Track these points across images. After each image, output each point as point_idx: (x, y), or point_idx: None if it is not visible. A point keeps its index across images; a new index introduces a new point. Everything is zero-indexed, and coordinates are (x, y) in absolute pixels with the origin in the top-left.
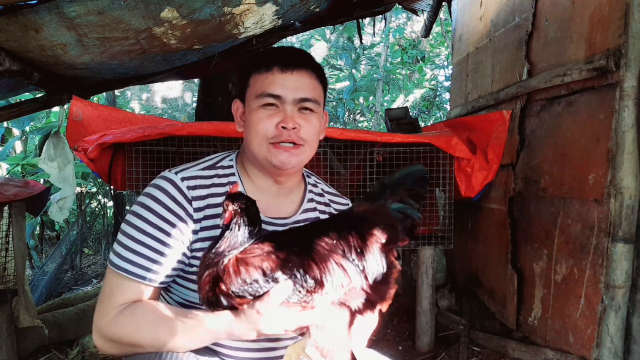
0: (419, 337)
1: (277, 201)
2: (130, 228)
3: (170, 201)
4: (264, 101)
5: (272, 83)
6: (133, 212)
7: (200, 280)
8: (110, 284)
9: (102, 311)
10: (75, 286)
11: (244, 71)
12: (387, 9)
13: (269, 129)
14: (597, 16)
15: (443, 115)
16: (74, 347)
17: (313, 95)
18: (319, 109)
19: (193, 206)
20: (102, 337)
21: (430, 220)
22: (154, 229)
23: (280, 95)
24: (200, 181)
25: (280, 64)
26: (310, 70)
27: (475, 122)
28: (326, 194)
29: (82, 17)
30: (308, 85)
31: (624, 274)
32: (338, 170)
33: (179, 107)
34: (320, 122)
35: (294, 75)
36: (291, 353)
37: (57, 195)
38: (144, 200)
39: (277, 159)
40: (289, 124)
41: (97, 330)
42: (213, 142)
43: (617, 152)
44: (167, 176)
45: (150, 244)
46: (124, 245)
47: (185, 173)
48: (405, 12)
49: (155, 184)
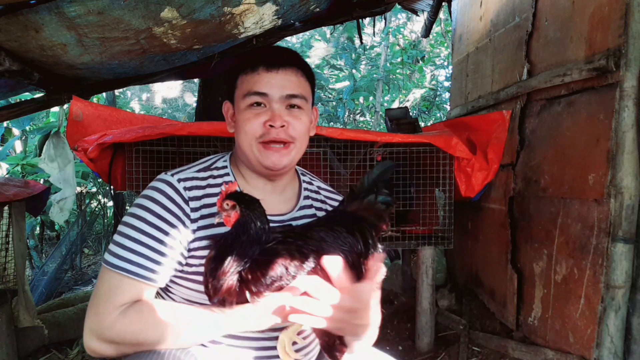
0: (419, 337)
1: (272, 199)
2: (128, 229)
3: (168, 201)
4: (251, 100)
5: (258, 82)
6: (131, 214)
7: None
8: (107, 284)
9: (100, 313)
10: (75, 286)
11: (232, 72)
12: (387, 9)
13: (257, 128)
14: (597, 16)
15: (443, 115)
16: (74, 347)
17: (300, 91)
18: (307, 106)
19: (190, 206)
20: (100, 339)
21: (430, 220)
22: (153, 229)
23: (267, 93)
24: (196, 182)
25: (265, 63)
26: (296, 67)
27: (475, 122)
28: (322, 191)
29: (82, 17)
30: (294, 82)
31: (624, 274)
32: (338, 170)
33: (179, 107)
34: (309, 118)
35: (280, 74)
36: (283, 339)
37: (58, 196)
38: (141, 201)
39: (268, 160)
40: (277, 122)
41: (94, 332)
42: (213, 142)
43: (617, 152)
44: (163, 178)
45: (149, 243)
46: (122, 245)
47: (182, 175)
48: (405, 12)
49: (152, 186)
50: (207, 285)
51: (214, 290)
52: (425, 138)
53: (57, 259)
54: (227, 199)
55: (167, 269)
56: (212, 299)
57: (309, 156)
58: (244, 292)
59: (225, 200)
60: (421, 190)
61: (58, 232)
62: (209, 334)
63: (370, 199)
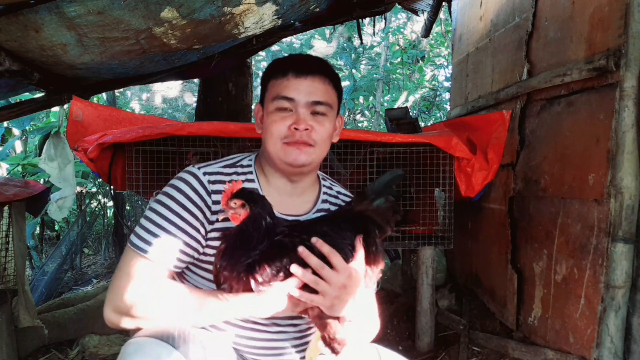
0: (419, 337)
1: (291, 199)
2: (152, 214)
3: (192, 192)
4: (278, 104)
5: (287, 87)
6: (157, 200)
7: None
8: (129, 263)
9: (115, 286)
10: (75, 286)
11: (264, 77)
12: (387, 9)
13: (282, 130)
14: (597, 16)
15: (443, 115)
16: (74, 347)
17: (325, 99)
18: (331, 113)
19: (212, 199)
20: (114, 310)
21: (430, 220)
22: (175, 216)
23: (294, 98)
24: (221, 177)
25: (295, 69)
26: (324, 76)
27: (475, 122)
28: (341, 196)
29: (82, 17)
30: (321, 89)
31: (624, 274)
32: (338, 170)
33: (179, 107)
34: (333, 125)
35: (308, 80)
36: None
37: (57, 195)
38: (167, 190)
39: (289, 156)
40: (301, 125)
41: (109, 303)
42: (213, 142)
43: (617, 152)
44: (190, 170)
45: (171, 229)
46: (146, 228)
47: (208, 169)
48: (405, 12)
49: (179, 177)
50: (216, 275)
51: (224, 280)
52: (425, 138)
53: (57, 259)
54: (235, 199)
55: (185, 256)
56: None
57: None
58: (250, 281)
59: (232, 200)
60: (421, 190)
61: (58, 232)
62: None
63: (380, 202)
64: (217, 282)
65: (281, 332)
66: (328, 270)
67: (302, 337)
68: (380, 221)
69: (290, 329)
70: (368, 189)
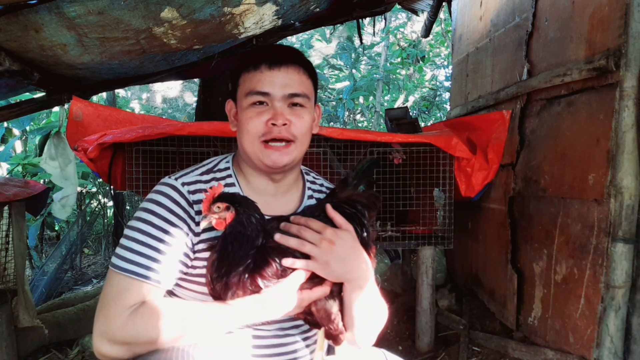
0: (419, 337)
1: (275, 200)
2: (134, 232)
3: (173, 204)
4: (253, 99)
5: (260, 81)
6: (137, 218)
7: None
8: (116, 287)
9: (110, 315)
10: (75, 286)
11: (235, 71)
12: (387, 9)
13: (259, 127)
14: (597, 16)
15: (443, 115)
16: (74, 347)
17: (302, 90)
18: (309, 104)
19: (194, 209)
20: (111, 342)
21: (430, 220)
22: (159, 231)
23: (269, 92)
24: (200, 185)
25: (267, 61)
26: (298, 65)
27: (475, 122)
28: (324, 188)
29: (82, 17)
30: (297, 80)
31: (624, 274)
32: (338, 170)
33: (179, 107)
34: (312, 116)
35: (282, 72)
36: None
37: (59, 194)
38: (146, 205)
39: (269, 159)
40: (279, 120)
41: (105, 335)
42: (213, 142)
43: (617, 152)
44: (168, 182)
45: (156, 245)
46: (129, 248)
47: (185, 178)
48: (405, 12)
49: (157, 190)
50: (212, 288)
51: (226, 289)
52: (425, 138)
53: (57, 259)
54: (217, 202)
55: (173, 271)
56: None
57: (309, 156)
58: (256, 281)
59: (215, 204)
60: (421, 190)
61: (58, 232)
62: (222, 328)
63: (363, 187)
64: (213, 294)
65: (287, 336)
66: (307, 230)
67: (306, 338)
68: (366, 202)
69: (294, 331)
70: (349, 176)
